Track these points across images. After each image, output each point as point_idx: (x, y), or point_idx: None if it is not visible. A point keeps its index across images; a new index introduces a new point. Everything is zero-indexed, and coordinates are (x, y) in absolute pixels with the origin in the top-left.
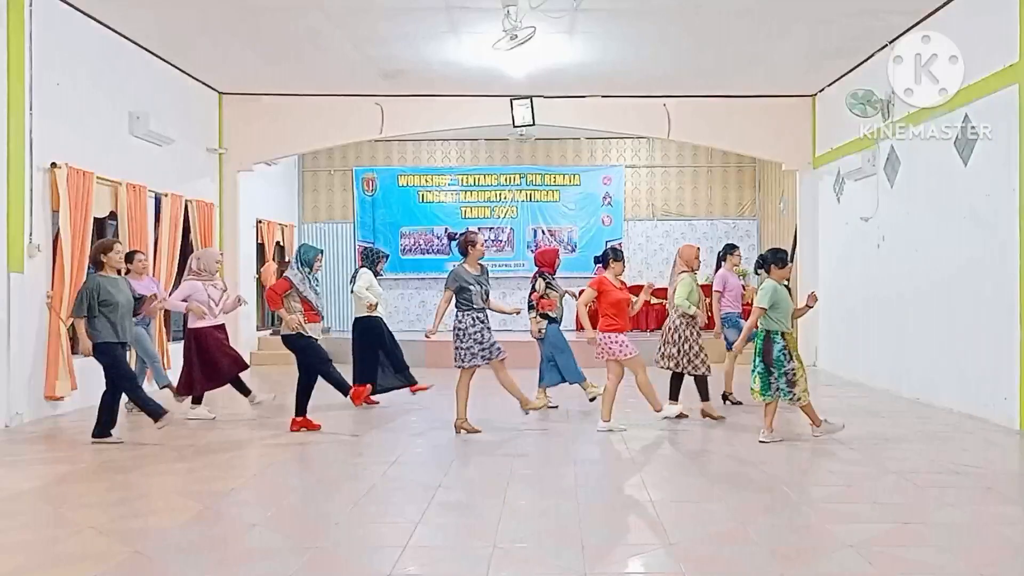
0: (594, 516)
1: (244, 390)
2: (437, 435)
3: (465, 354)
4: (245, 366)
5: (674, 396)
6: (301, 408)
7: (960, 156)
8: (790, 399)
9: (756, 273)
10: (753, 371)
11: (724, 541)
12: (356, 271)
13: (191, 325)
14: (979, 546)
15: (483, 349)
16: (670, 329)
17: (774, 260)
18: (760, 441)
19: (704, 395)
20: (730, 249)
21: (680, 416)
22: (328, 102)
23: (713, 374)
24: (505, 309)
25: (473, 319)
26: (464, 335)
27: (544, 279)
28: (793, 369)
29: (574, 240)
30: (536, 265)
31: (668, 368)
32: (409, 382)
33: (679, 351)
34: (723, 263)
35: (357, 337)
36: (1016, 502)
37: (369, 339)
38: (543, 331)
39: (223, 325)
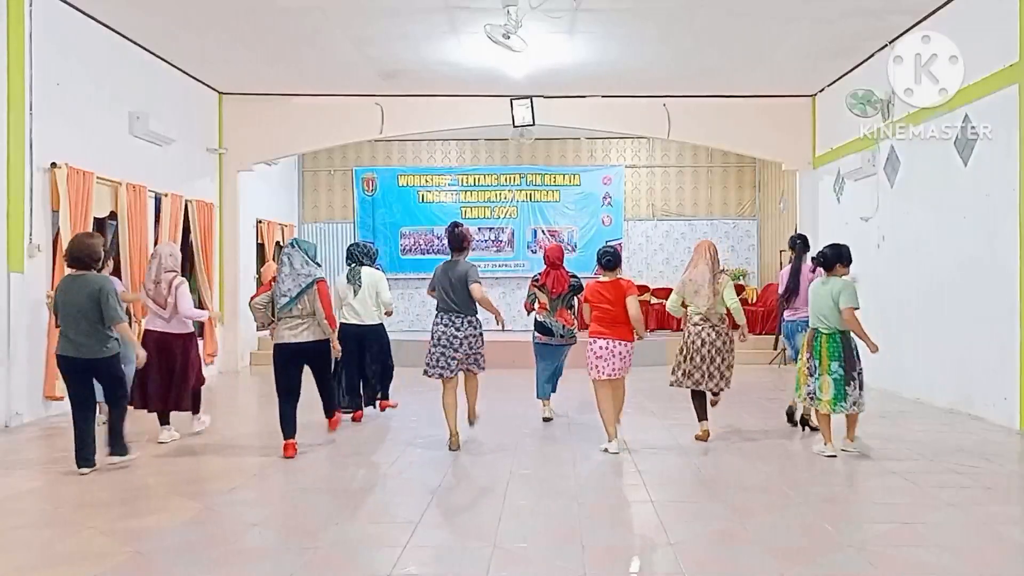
0: (594, 516)
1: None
2: (437, 436)
3: None
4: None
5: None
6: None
7: (960, 156)
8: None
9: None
10: None
11: (724, 541)
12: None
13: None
14: (979, 546)
15: (428, 363)
16: None
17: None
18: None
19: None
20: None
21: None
22: (328, 102)
23: (680, 390)
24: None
25: (434, 325)
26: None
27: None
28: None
29: (574, 240)
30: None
31: None
32: (345, 406)
33: None
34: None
35: None
36: (1016, 502)
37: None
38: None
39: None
